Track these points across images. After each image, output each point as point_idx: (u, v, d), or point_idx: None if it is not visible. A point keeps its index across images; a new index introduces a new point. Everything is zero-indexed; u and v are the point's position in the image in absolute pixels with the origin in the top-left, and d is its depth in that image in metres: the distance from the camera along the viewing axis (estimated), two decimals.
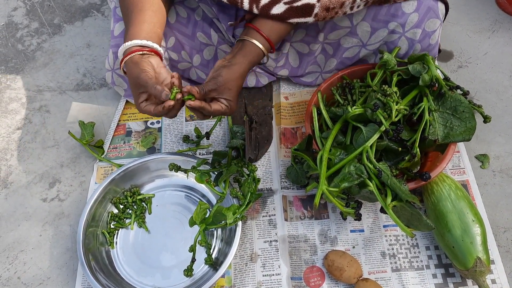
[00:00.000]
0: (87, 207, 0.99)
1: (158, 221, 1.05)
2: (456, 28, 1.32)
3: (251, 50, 0.91)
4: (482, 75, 1.22)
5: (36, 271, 1.01)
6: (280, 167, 1.10)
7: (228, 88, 0.88)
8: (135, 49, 0.88)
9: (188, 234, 1.02)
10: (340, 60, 1.11)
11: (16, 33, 1.42)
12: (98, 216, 1.03)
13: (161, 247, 1.01)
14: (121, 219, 1.04)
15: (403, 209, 0.83)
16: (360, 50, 1.08)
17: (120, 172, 1.05)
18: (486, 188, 1.04)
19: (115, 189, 1.05)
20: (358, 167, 0.86)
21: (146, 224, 1.04)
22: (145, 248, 1.01)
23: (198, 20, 1.08)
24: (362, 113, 0.90)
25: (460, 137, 0.90)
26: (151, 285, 0.97)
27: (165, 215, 1.05)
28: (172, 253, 1.00)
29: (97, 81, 1.30)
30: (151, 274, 0.98)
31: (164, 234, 1.03)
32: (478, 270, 0.86)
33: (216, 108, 0.88)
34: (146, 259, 1.00)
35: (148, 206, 1.06)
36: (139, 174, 1.08)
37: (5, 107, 1.27)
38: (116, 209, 1.05)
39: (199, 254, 0.98)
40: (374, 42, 1.05)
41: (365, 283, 0.90)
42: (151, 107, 0.87)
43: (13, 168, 1.16)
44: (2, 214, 1.09)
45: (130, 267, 0.99)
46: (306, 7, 0.91)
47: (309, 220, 1.03)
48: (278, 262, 0.97)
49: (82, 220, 0.98)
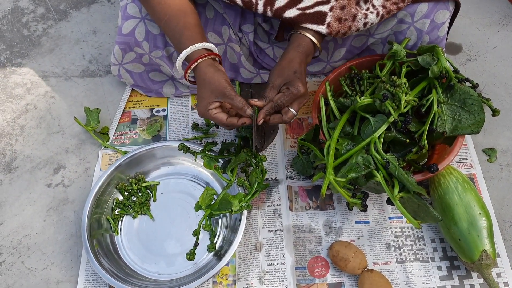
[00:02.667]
0: (92, 193, 0.99)
1: (162, 209, 1.05)
2: (466, 21, 1.31)
3: (302, 43, 0.91)
4: (491, 68, 1.21)
5: (40, 256, 1.01)
6: (286, 158, 1.09)
7: (287, 75, 0.87)
8: (205, 53, 0.87)
9: (193, 222, 1.01)
10: (348, 48, 1.10)
11: (22, 18, 1.42)
12: (103, 203, 1.02)
13: (166, 234, 1.01)
14: (126, 206, 1.04)
15: (410, 200, 0.83)
16: (367, 39, 1.07)
17: (126, 158, 1.04)
18: (493, 181, 1.04)
19: (121, 176, 1.05)
20: (366, 157, 0.85)
21: (151, 212, 1.04)
22: (150, 236, 1.01)
23: (209, 19, 1.07)
24: (370, 103, 0.90)
25: (469, 130, 0.90)
26: (155, 272, 0.97)
27: (170, 203, 1.05)
28: (176, 241, 1.00)
29: (103, 68, 1.29)
30: (155, 262, 0.98)
31: (168, 221, 1.03)
32: (484, 263, 0.86)
33: (290, 115, 0.88)
34: (150, 246, 1.00)
35: (153, 194, 1.06)
36: (145, 161, 1.07)
37: (11, 92, 1.26)
38: (121, 195, 1.05)
39: (203, 242, 0.98)
40: (383, 31, 1.04)
41: (370, 274, 0.90)
42: (224, 115, 0.86)
43: (18, 153, 1.16)
44: (7, 199, 1.09)
45: (134, 254, 0.99)
46: (319, 14, 0.91)
47: (314, 211, 1.02)
48: (282, 252, 0.97)
49: (87, 206, 0.98)
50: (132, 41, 1.06)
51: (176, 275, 0.96)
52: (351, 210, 0.92)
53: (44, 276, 0.99)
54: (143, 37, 1.04)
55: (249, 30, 1.09)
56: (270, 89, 0.88)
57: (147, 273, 0.97)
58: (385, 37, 1.06)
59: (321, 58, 1.15)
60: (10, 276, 0.99)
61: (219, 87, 0.85)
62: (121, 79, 1.18)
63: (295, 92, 0.86)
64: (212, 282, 0.95)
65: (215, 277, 0.96)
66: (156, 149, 1.06)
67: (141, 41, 1.05)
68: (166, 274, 0.96)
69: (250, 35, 1.09)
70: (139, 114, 1.20)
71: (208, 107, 0.86)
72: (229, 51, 1.12)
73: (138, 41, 1.05)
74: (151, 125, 1.17)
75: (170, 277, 0.96)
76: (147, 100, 1.22)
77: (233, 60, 1.14)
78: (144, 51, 1.07)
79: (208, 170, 1.06)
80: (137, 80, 1.17)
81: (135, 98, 1.22)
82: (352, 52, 1.12)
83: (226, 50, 1.12)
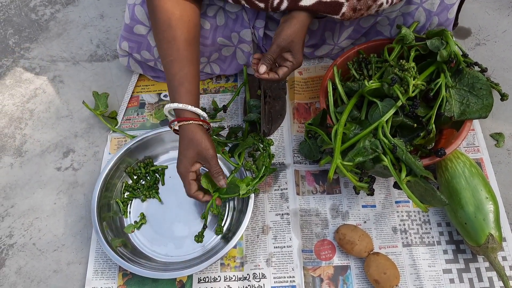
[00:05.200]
0: (102, 176, 1.00)
1: (171, 192, 1.06)
2: (475, 5, 1.30)
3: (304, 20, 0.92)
4: (500, 53, 1.20)
5: (51, 238, 1.03)
6: (293, 142, 1.10)
7: (291, 42, 0.89)
8: (195, 117, 0.89)
9: (201, 205, 1.03)
10: (355, 28, 1.09)
11: (29, 2, 1.42)
12: (112, 186, 1.04)
13: (174, 217, 1.02)
14: (134, 190, 1.05)
15: (417, 184, 0.83)
16: (376, 18, 1.06)
17: (135, 142, 1.05)
18: (500, 166, 1.04)
19: (129, 160, 1.06)
20: (373, 142, 0.85)
21: (159, 195, 1.05)
22: (158, 218, 1.03)
23: (219, 26, 1.07)
24: (378, 87, 0.89)
25: (477, 114, 0.90)
26: (163, 254, 0.98)
27: (178, 186, 1.05)
28: (184, 224, 1.01)
29: (111, 52, 1.29)
30: (164, 244, 1.00)
31: (176, 205, 1.04)
32: (490, 247, 0.86)
33: (284, 72, 0.91)
34: (159, 229, 1.01)
35: (161, 178, 1.07)
36: (154, 145, 1.08)
37: (19, 77, 1.27)
38: (130, 179, 1.06)
39: (211, 225, 1.00)
40: (390, 10, 1.02)
41: (376, 257, 0.91)
42: (195, 186, 0.90)
43: (28, 137, 1.17)
44: (17, 182, 1.11)
45: (144, 236, 1.01)
46: (335, 4, 0.91)
47: (321, 195, 1.03)
48: (289, 235, 0.98)
49: (96, 188, 0.99)
50: (145, 42, 1.08)
51: (185, 257, 0.98)
52: (358, 194, 0.92)
53: (55, 257, 1.01)
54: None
55: (260, 26, 1.09)
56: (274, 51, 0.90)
57: (156, 255, 0.98)
58: (393, 18, 1.04)
59: (327, 40, 1.14)
60: (22, 257, 1.01)
61: (205, 151, 0.87)
62: (130, 69, 1.19)
63: (296, 64, 0.92)
64: (220, 264, 0.97)
65: (223, 259, 0.97)
66: (164, 133, 1.07)
67: (154, 47, 1.07)
68: (175, 256, 0.98)
69: (261, 30, 1.09)
70: (147, 99, 1.20)
71: (190, 168, 0.89)
72: (238, 52, 1.13)
73: (151, 46, 1.08)
74: (159, 109, 1.18)
75: (178, 259, 0.98)
76: (154, 85, 1.22)
77: (242, 61, 1.15)
78: (152, 57, 1.10)
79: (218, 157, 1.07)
80: (146, 70, 1.19)
81: (143, 83, 1.23)
82: (359, 32, 1.10)
83: (236, 51, 1.13)
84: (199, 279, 0.95)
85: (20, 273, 0.99)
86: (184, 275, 0.92)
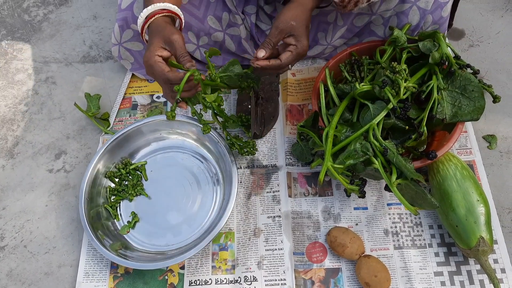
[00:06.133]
0: (83, 187, 1.00)
1: (156, 185, 1.06)
2: (469, 6, 1.30)
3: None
4: (494, 54, 1.20)
5: (42, 240, 1.03)
6: (286, 144, 1.09)
7: (291, 25, 0.85)
8: (159, 12, 0.86)
9: (188, 190, 1.04)
10: (349, 27, 1.08)
11: (22, 3, 1.41)
12: (96, 195, 1.03)
13: (166, 208, 1.03)
14: (119, 192, 1.05)
15: (408, 187, 0.83)
16: (370, 18, 1.05)
17: (108, 145, 1.05)
18: (492, 168, 1.04)
19: (107, 164, 1.06)
20: (364, 144, 0.85)
21: (145, 191, 1.05)
22: (150, 213, 1.03)
23: (211, 2, 1.06)
24: (370, 90, 0.89)
25: (468, 117, 0.89)
26: (164, 245, 0.99)
27: (162, 177, 1.07)
28: (177, 211, 1.02)
29: (103, 54, 1.29)
30: (162, 235, 1.00)
31: (165, 195, 1.05)
32: (481, 250, 0.86)
33: (286, 56, 0.86)
34: (153, 223, 1.02)
35: (143, 173, 1.07)
36: (128, 144, 1.08)
37: (12, 78, 1.26)
38: (112, 183, 1.06)
39: (202, 210, 1.01)
40: (384, 9, 1.02)
41: (367, 260, 0.91)
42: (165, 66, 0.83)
43: (20, 138, 1.17)
44: (9, 184, 1.10)
45: (140, 234, 1.01)
46: None
47: (313, 197, 1.03)
48: (281, 237, 0.98)
49: (81, 201, 0.98)
50: (129, 15, 1.05)
51: (185, 241, 0.99)
52: (349, 196, 0.92)
53: (46, 260, 1.00)
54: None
55: (251, 12, 1.08)
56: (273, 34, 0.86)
57: (157, 247, 0.99)
58: (387, 17, 1.04)
59: (320, 41, 1.13)
60: (13, 260, 1.01)
61: (169, 34, 0.83)
62: (121, 60, 1.17)
63: (300, 49, 0.86)
64: (211, 266, 0.97)
65: (215, 262, 0.97)
66: (142, 126, 1.07)
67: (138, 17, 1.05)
68: (176, 244, 0.99)
69: (253, 16, 1.08)
70: (139, 100, 1.20)
71: (156, 52, 0.83)
72: (227, 39, 1.11)
73: (135, 16, 1.05)
74: (151, 111, 1.17)
75: (179, 245, 0.98)
76: (147, 86, 1.22)
77: (231, 48, 1.14)
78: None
79: (192, 138, 1.09)
80: (137, 57, 1.16)
81: (135, 84, 1.22)
82: (352, 31, 1.09)
83: (225, 38, 1.11)
84: (190, 281, 0.95)
85: (11, 276, 0.99)
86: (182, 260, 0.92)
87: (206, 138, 1.06)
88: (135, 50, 1.14)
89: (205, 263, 0.97)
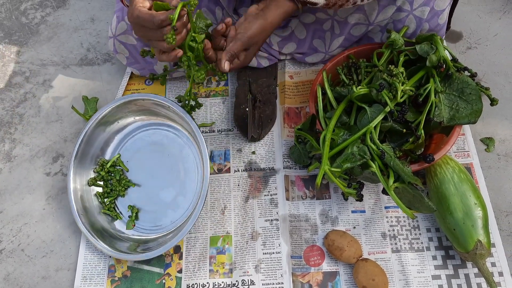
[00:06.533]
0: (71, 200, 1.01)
1: (138, 172, 1.08)
2: (467, 8, 1.29)
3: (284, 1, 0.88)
4: (492, 57, 1.20)
5: (40, 244, 1.03)
6: (283, 147, 1.09)
7: (255, 42, 0.88)
8: None
9: (171, 161, 1.06)
10: (346, 37, 1.09)
11: (20, 5, 1.41)
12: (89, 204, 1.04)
13: (157, 188, 1.05)
14: (109, 193, 1.05)
15: (405, 190, 0.83)
16: (367, 28, 1.06)
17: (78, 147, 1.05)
18: (490, 171, 1.04)
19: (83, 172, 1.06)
20: (361, 148, 0.85)
21: (132, 181, 1.06)
22: (145, 199, 1.05)
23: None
24: (367, 93, 0.89)
25: (466, 120, 0.89)
26: (170, 223, 1.01)
27: (141, 161, 1.08)
28: (169, 186, 1.04)
29: (101, 56, 1.29)
30: (164, 214, 1.02)
31: (151, 177, 1.06)
32: (479, 253, 0.86)
33: (231, 67, 0.87)
34: (152, 206, 1.04)
35: (122, 165, 1.08)
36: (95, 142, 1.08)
37: (9, 81, 1.26)
38: (98, 187, 1.06)
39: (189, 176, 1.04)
40: (382, 19, 1.02)
41: (365, 263, 0.90)
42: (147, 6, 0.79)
43: (17, 142, 1.16)
44: (6, 187, 1.10)
45: (145, 221, 1.03)
46: None
47: (311, 200, 1.03)
48: (278, 241, 0.98)
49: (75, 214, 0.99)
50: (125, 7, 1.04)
51: (186, 213, 1.00)
52: (346, 200, 0.92)
53: (43, 263, 1.00)
54: None
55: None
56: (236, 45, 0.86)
57: (162, 228, 1.01)
58: (384, 25, 1.05)
59: (319, 49, 1.13)
60: (10, 263, 1.01)
61: None
62: (117, 54, 1.15)
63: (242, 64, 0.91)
64: (209, 270, 0.96)
65: (212, 265, 0.97)
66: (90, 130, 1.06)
67: None
68: (180, 218, 1.01)
69: None
70: None
71: (138, 4, 0.78)
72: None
73: None
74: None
75: (184, 217, 1.00)
76: (145, 89, 1.22)
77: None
78: None
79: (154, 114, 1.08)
80: (132, 51, 1.13)
81: (133, 87, 1.22)
82: (350, 41, 1.10)
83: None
84: (187, 285, 0.95)
85: (9, 280, 0.99)
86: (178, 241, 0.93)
87: (161, 110, 1.05)
88: (129, 43, 1.12)
89: (202, 266, 0.97)
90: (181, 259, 0.98)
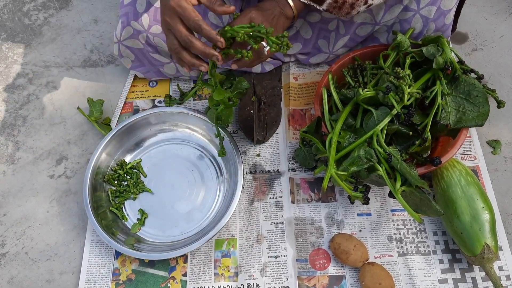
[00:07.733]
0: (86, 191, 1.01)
1: (157, 179, 1.07)
2: (472, 10, 1.29)
3: (283, 3, 0.87)
4: (498, 58, 1.19)
5: (44, 247, 1.02)
6: (288, 149, 1.09)
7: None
8: None
9: (191, 178, 1.07)
10: (351, 36, 1.08)
11: (23, 7, 1.40)
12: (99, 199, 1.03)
13: (172, 199, 1.05)
14: (121, 192, 1.05)
15: (412, 194, 0.82)
16: (373, 28, 1.05)
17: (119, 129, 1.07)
18: (496, 174, 1.03)
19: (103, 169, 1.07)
20: (368, 151, 0.84)
21: (148, 186, 1.06)
22: (158, 207, 1.04)
23: None
24: (373, 95, 0.88)
25: (473, 122, 0.89)
26: (178, 234, 1.01)
27: (161, 171, 1.08)
28: (185, 200, 1.04)
29: (105, 58, 1.28)
30: (175, 225, 1.02)
31: (169, 187, 1.06)
32: (486, 257, 0.86)
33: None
34: (164, 215, 1.03)
35: (141, 170, 1.08)
36: (121, 144, 1.09)
37: (12, 83, 1.26)
38: (112, 185, 1.06)
39: (207, 203, 1.04)
40: (388, 19, 1.01)
41: (371, 267, 0.90)
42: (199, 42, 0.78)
43: (20, 144, 1.16)
44: (10, 190, 1.09)
45: (153, 228, 1.02)
46: None
47: (316, 203, 1.02)
48: (284, 244, 0.97)
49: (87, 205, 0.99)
50: (131, 11, 1.04)
51: (199, 226, 1.01)
52: (352, 203, 0.91)
53: (47, 267, 1.00)
54: (144, 8, 1.03)
55: None
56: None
57: (172, 238, 1.00)
58: (390, 25, 1.04)
59: (323, 49, 1.13)
60: (14, 267, 1.00)
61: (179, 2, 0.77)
62: (122, 58, 1.15)
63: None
64: (214, 273, 0.96)
65: (217, 269, 0.96)
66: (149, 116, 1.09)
67: (141, 13, 1.03)
68: (191, 230, 1.00)
69: None
70: (140, 105, 1.19)
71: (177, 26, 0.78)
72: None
73: (137, 12, 1.03)
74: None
75: (195, 231, 1.00)
76: (148, 91, 1.21)
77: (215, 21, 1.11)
78: (142, 27, 1.04)
79: (181, 128, 1.12)
80: (138, 54, 1.13)
81: (137, 89, 1.21)
82: (355, 41, 1.09)
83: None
84: None
85: (13, 283, 0.98)
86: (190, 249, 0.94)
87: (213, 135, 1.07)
88: (135, 47, 1.12)
89: (207, 270, 0.96)
90: (186, 263, 0.98)
